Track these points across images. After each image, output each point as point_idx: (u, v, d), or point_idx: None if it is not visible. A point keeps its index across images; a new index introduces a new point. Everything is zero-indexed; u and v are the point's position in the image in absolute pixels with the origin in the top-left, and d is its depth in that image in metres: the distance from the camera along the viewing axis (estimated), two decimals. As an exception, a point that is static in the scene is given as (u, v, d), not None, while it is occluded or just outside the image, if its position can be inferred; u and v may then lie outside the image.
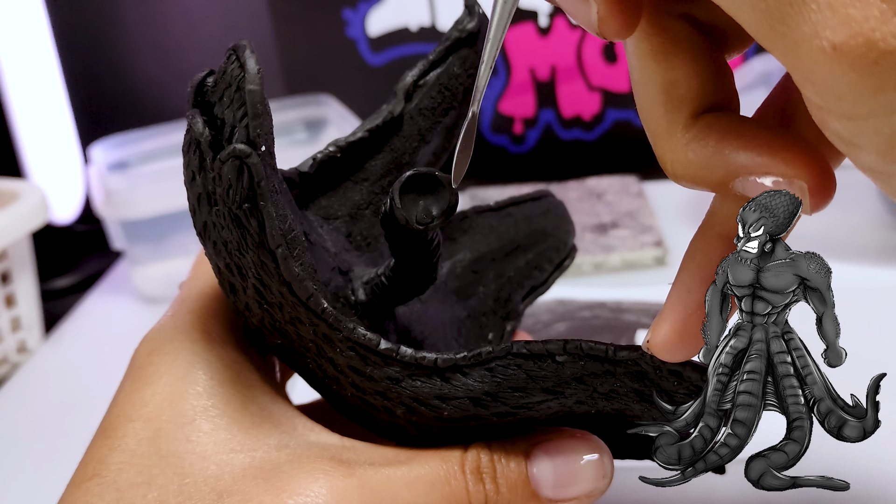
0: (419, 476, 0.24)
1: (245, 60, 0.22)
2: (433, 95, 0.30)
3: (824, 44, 0.15)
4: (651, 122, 0.21)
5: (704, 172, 0.20)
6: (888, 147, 0.16)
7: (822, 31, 0.15)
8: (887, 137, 0.15)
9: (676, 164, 0.20)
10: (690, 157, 0.20)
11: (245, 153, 0.21)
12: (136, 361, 0.26)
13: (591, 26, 0.21)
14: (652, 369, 0.21)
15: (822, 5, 0.15)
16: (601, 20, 0.20)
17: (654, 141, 0.21)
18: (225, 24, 0.79)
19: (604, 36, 0.21)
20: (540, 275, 0.34)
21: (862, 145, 0.16)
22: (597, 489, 0.25)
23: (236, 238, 0.22)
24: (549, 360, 0.22)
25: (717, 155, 0.20)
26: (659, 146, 0.21)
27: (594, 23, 0.20)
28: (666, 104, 0.20)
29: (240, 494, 0.22)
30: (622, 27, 0.20)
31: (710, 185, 0.20)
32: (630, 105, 0.76)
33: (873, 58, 0.14)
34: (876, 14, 0.14)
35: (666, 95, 0.20)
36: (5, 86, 0.72)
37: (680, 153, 0.20)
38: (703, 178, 0.20)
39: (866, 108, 0.15)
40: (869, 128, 0.16)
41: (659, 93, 0.21)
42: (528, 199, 0.35)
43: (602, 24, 0.20)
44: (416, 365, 0.23)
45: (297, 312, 0.23)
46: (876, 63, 0.14)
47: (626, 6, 0.20)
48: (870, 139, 0.16)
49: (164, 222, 0.61)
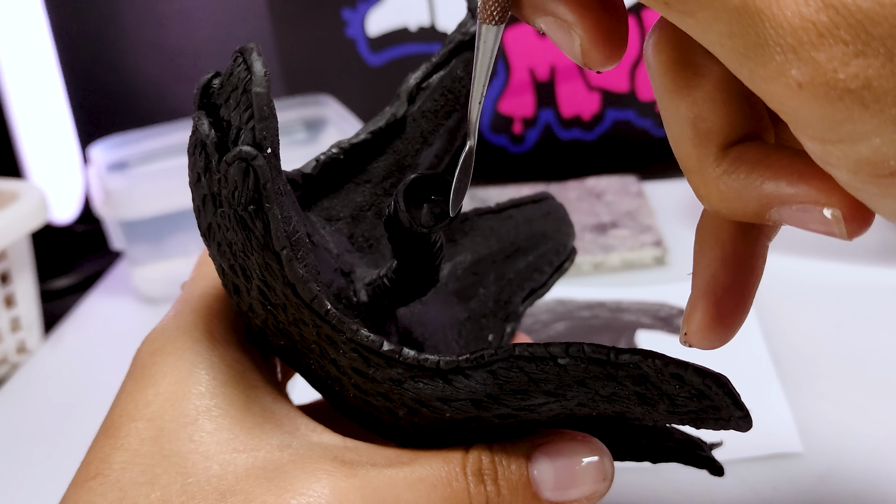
0: (421, 477, 0.24)
1: (252, 63, 0.22)
2: (436, 98, 0.30)
3: (791, 82, 0.16)
4: (681, 155, 0.21)
5: (739, 204, 0.20)
6: (857, 168, 0.17)
7: (788, 70, 0.16)
8: (854, 161, 0.16)
9: (711, 197, 0.20)
10: (723, 189, 0.20)
11: (251, 155, 0.21)
12: (138, 361, 0.26)
13: (576, 57, 0.21)
14: (654, 372, 0.21)
15: (785, 48, 0.16)
16: (584, 52, 0.20)
17: (687, 173, 0.21)
18: (224, 25, 0.79)
19: (589, 66, 0.21)
20: (540, 277, 0.35)
21: (834, 165, 0.17)
22: (597, 491, 0.25)
23: (241, 239, 0.23)
24: (551, 363, 0.22)
25: (750, 187, 0.19)
26: (692, 179, 0.21)
27: (578, 55, 0.21)
28: (693, 139, 0.20)
29: (243, 494, 0.23)
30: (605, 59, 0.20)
31: (747, 215, 0.20)
32: (629, 105, 0.77)
33: (837, 95, 0.15)
34: (838, 55, 0.15)
35: (693, 130, 0.20)
36: (5, 86, 0.72)
37: (713, 186, 0.20)
38: (740, 210, 0.20)
39: (835, 135, 0.16)
40: (838, 151, 0.17)
41: (686, 127, 0.21)
42: (529, 201, 0.35)
43: (585, 56, 0.20)
44: (418, 367, 0.23)
45: (301, 314, 0.23)
46: (840, 99, 0.16)
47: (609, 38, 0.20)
48: (840, 160, 0.17)
49: (163, 222, 0.61)
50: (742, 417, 0.22)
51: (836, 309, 0.51)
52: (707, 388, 0.21)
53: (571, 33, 0.20)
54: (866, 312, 0.50)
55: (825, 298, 0.52)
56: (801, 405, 0.42)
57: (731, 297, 0.22)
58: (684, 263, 0.58)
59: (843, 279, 0.54)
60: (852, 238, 0.19)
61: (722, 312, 0.22)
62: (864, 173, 0.17)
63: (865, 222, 0.19)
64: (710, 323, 0.22)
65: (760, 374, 0.44)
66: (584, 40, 0.20)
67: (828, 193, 0.18)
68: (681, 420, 0.23)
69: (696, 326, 0.22)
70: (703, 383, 0.21)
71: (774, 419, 0.41)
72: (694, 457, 0.30)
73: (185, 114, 0.77)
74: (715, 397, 0.21)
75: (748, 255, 0.23)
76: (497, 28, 0.21)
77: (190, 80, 0.78)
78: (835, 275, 0.54)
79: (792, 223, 0.19)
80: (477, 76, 0.22)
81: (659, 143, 0.78)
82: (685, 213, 0.66)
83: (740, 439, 0.38)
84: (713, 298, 0.22)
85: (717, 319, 0.22)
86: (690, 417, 0.23)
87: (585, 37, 0.20)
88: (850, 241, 0.19)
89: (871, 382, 0.43)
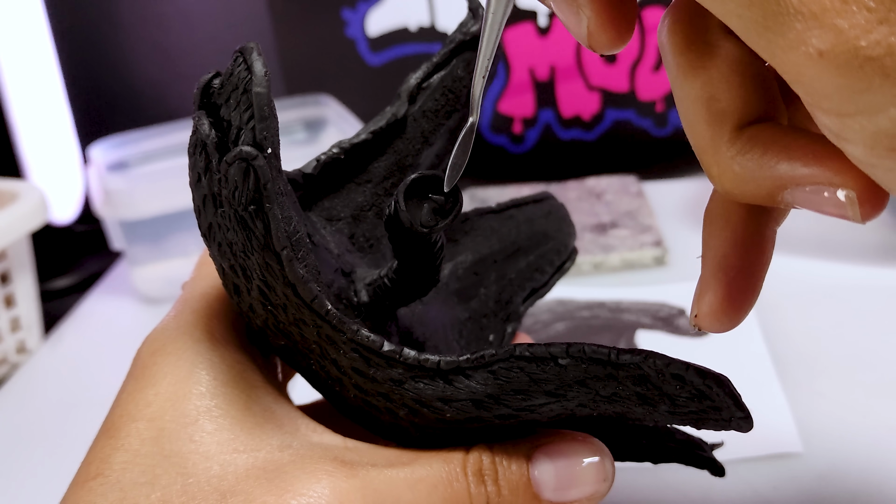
0: (422, 477, 0.24)
1: (252, 63, 0.22)
2: (437, 98, 0.30)
3: (811, 50, 0.16)
4: (695, 136, 0.21)
5: (752, 186, 0.20)
6: (874, 141, 0.16)
7: (809, 38, 0.16)
8: (872, 133, 0.16)
9: (724, 178, 0.20)
10: (737, 170, 0.20)
11: (251, 155, 0.21)
12: (139, 361, 0.26)
13: (582, 39, 0.21)
14: (654, 373, 0.21)
15: (807, 16, 0.16)
16: (590, 34, 0.20)
17: (700, 155, 0.21)
18: (224, 24, 0.79)
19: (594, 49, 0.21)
20: (541, 277, 0.35)
21: (850, 139, 0.17)
22: (598, 492, 0.25)
23: (241, 240, 0.23)
24: (551, 363, 0.22)
25: (764, 168, 0.19)
26: (705, 160, 0.21)
27: (584, 36, 0.21)
28: (707, 119, 0.20)
29: (243, 494, 0.23)
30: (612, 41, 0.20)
31: (759, 197, 0.20)
32: (629, 105, 0.77)
33: (858, 63, 0.15)
34: (861, 23, 0.15)
35: (707, 110, 0.20)
36: (5, 86, 0.72)
37: (726, 167, 0.20)
38: (752, 192, 0.20)
39: (853, 106, 0.16)
40: (855, 124, 0.16)
41: (700, 108, 0.21)
42: (530, 201, 0.35)
43: (591, 38, 0.20)
44: (419, 367, 0.23)
45: (301, 314, 0.23)
46: (861, 68, 0.15)
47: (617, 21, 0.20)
48: (856, 134, 0.17)
49: (163, 222, 0.61)
50: (743, 418, 0.22)
51: (836, 309, 0.51)
52: (708, 388, 0.21)
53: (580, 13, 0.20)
54: (866, 312, 0.50)
55: (825, 298, 0.52)
56: (801, 405, 0.42)
57: (742, 278, 0.22)
58: (684, 263, 0.58)
59: (843, 279, 0.54)
60: (865, 221, 0.19)
61: (732, 295, 0.22)
62: (881, 147, 0.16)
63: (880, 204, 0.19)
64: (720, 305, 0.22)
65: (760, 374, 0.44)
66: (592, 21, 0.20)
67: (843, 175, 0.18)
68: (682, 421, 0.23)
69: (707, 308, 0.22)
70: (704, 384, 0.21)
71: (774, 419, 0.41)
72: (695, 457, 0.30)
73: (185, 114, 0.77)
74: (716, 398, 0.21)
75: (758, 237, 0.23)
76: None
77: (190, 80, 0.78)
78: (835, 274, 0.54)
79: (805, 205, 0.19)
80: (483, 49, 0.22)
81: (659, 143, 0.78)
82: (685, 213, 0.66)
83: (740, 439, 0.38)
84: (724, 280, 0.22)
85: (728, 301, 0.22)
86: (691, 418, 0.23)
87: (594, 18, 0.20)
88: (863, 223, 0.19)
89: (871, 382, 0.43)
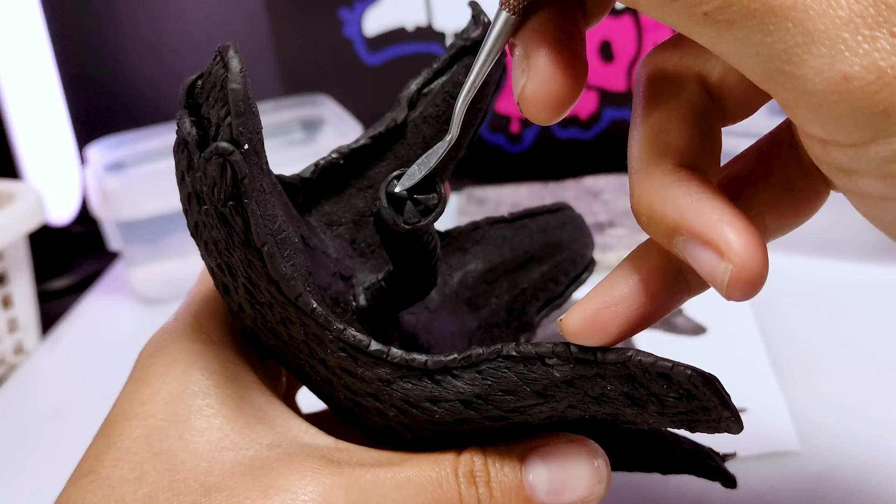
0: (409, 478, 0.24)
1: (228, 60, 0.22)
2: (438, 104, 0.30)
3: (836, 75, 0.16)
4: (633, 157, 0.22)
5: (657, 220, 0.21)
6: (887, 171, 0.17)
7: (834, 64, 0.16)
8: (886, 160, 0.17)
9: (641, 201, 0.21)
10: (654, 200, 0.21)
11: (227, 151, 0.21)
12: (138, 363, 0.27)
13: (516, 96, 0.22)
14: (641, 372, 0.21)
15: (833, 41, 0.16)
16: (522, 96, 0.21)
17: (631, 175, 0.22)
18: (222, 25, 0.79)
19: (522, 112, 0.22)
20: (556, 287, 0.34)
21: (863, 172, 0.18)
22: (592, 495, 0.24)
23: (224, 236, 0.23)
24: (538, 363, 0.22)
25: (676, 208, 0.20)
26: (633, 180, 0.22)
27: (516, 95, 0.21)
28: (652, 146, 0.22)
29: (227, 490, 0.23)
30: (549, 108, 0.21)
31: (658, 233, 0.21)
32: (626, 104, 0.76)
33: (881, 85, 0.16)
34: (886, 47, 0.16)
35: (656, 138, 0.22)
36: (2, 87, 0.72)
37: (647, 192, 0.21)
38: (656, 225, 0.21)
39: (870, 132, 0.17)
40: (870, 152, 0.17)
41: (650, 134, 0.22)
42: (545, 210, 0.34)
43: (521, 100, 0.21)
44: (406, 366, 0.23)
45: (287, 312, 0.23)
46: (883, 89, 0.16)
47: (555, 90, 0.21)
48: (870, 164, 0.17)
49: (160, 223, 0.61)
50: (731, 418, 0.22)
51: (833, 307, 0.51)
52: (694, 387, 0.21)
53: (524, 68, 0.21)
54: (864, 311, 0.50)
55: (822, 297, 0.52)
56: (798, 403, 0.42)
57: (615, 312, 0.22)
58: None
59: (840, 277, 0.53)
60: (729, 299, 0.19)
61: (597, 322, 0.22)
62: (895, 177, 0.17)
63: (750, 289, 0.19)
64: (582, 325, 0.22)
65: (758, 373, 0.44)
66: (530, 83, 0.21)
67: (727, 244, 0.19)
68: (672, 422, 0.23)
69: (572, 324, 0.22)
70: (690, 381, 0.21)
71: (771, 418, 0.41)
72: (705, 467, 0.29)
73: (178, 115, 0.76)
74: (703, 397, 0.21)
75: None
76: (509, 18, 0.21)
77: (187, 81, 0.78)
78: (832, 273, 0.54)
79: (687, 258, 0.20)
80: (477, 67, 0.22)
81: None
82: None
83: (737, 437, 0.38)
84: (598, 306, 0.22)
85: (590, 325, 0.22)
86: (682, 419, 0.22)
87: (533, 77, 0.21)
88: (726, 299, 0.19)
89: (868, 381, 0.43)
